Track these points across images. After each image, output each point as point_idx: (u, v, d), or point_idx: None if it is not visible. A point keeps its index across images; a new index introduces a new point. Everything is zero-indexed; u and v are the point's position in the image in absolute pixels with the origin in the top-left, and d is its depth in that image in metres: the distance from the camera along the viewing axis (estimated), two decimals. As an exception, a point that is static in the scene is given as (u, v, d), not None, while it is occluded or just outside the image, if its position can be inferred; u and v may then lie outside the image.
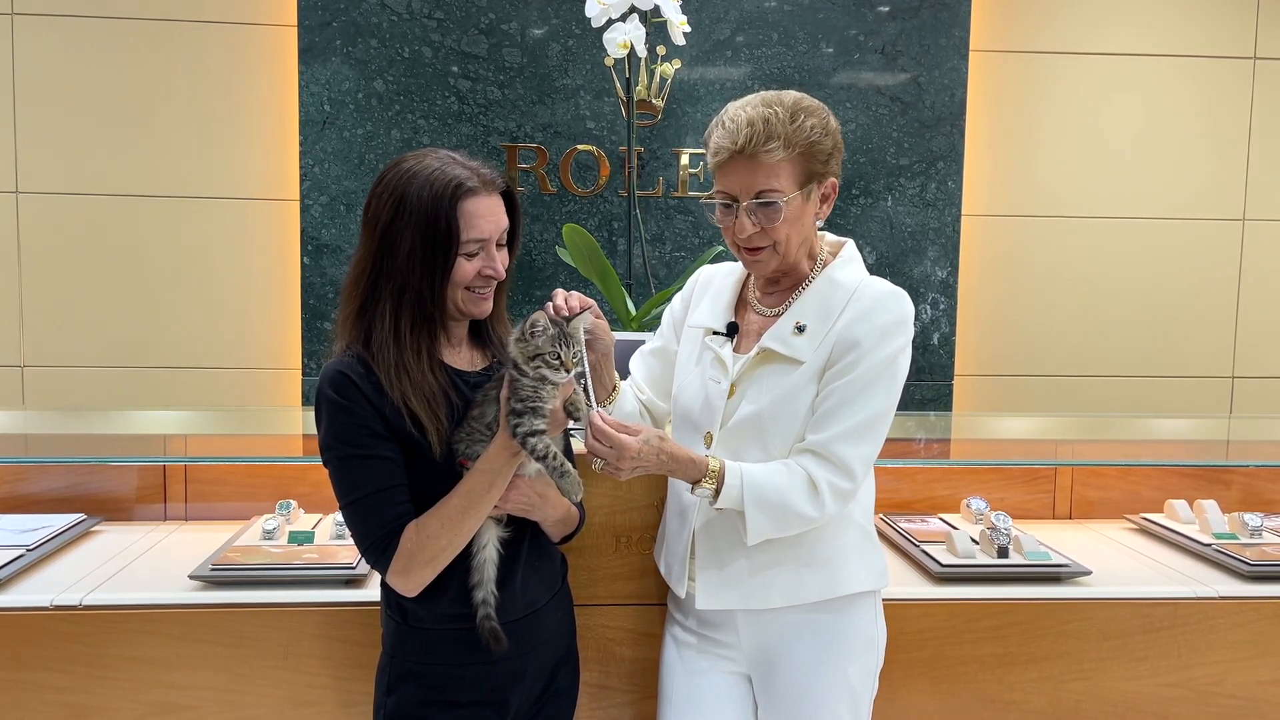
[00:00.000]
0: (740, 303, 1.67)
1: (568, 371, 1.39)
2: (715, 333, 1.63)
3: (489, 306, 1.49)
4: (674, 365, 1.73)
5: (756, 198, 1.49)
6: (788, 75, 3.78)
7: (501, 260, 1.47)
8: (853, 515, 1.58)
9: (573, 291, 1.50)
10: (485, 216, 1.42)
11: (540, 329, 1.40)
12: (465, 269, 1.42)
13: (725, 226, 1.55)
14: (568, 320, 1.43)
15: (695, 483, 1.48)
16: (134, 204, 3.72)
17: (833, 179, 1.56)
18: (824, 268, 1.59)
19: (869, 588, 1.60)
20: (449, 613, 1.44)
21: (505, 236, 1.48)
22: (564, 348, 1.38)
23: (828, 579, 1.56)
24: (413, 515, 1.40)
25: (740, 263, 1.70)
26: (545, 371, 1.38)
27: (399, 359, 1.39)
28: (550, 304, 1.47)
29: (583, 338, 1.45)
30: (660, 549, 1.72)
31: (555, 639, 1.56)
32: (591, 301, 1.50)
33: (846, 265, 1.59)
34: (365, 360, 1.40)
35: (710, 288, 1.71)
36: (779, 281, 1.62)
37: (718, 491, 1.47)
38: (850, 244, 1.64)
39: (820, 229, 1.63)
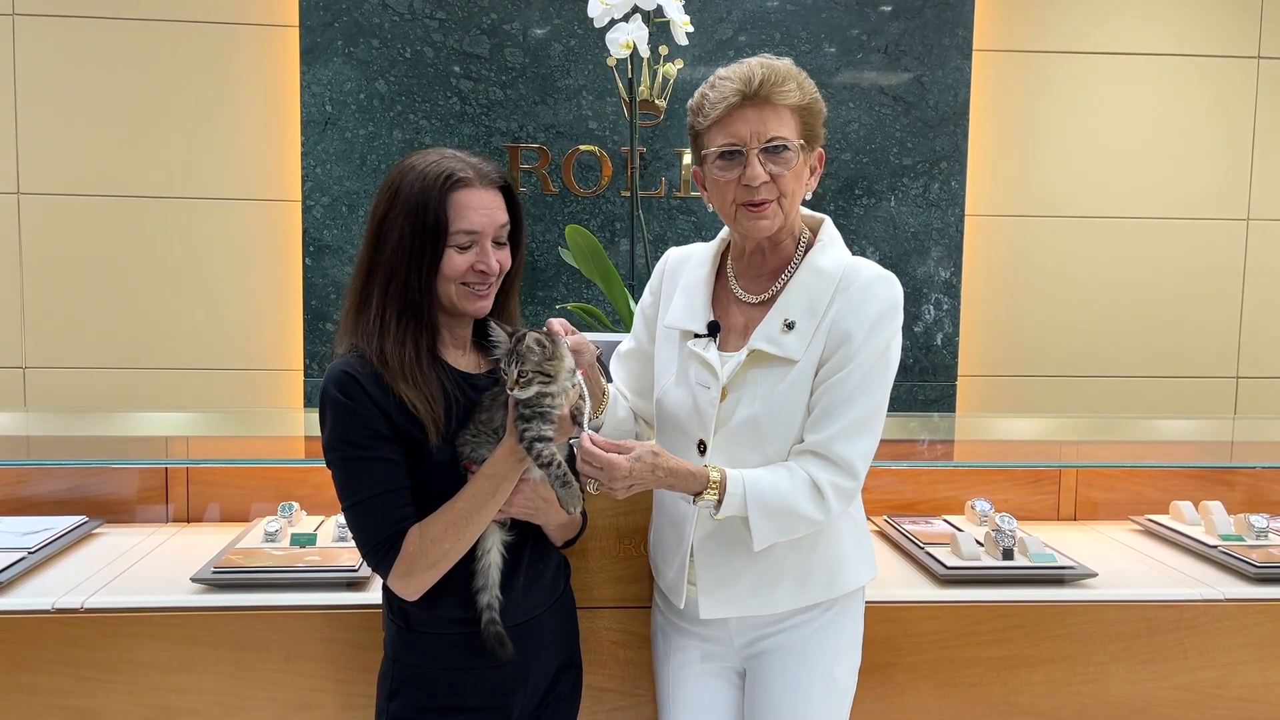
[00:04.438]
0: (718, 295, 1.59)
1: (509, 390, 1.36)
2: (696, 335, 1.55)
3: (486, 305, 1.46)
4: (652, 366, 1.64)
5: (768, 143, 1.45)
6: (790, 75, 3.76)
7: (501, 258, 1.45)
8: (848, 511, 1.55)
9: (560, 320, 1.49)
10: (477, 209, 1.40)
11: (496, 339, 1.39)
12: (456, 262, 1.40)
13: (727, 181, 1.47)
14: (523, 340, 1.38)
15: (697, 495, 1.44)
16: (135, 205, 3.72)
17: (820, 150, 1.53)
18: (807, 250, 1.54)
19: (866, 579, 1.60)
20: (451, 617, 1.43)
21: (505, 234, 1.46)
22: (508, 365, 1.36)
23: (829, 579, 1.55)
24: (416, 518, 1.39)
25: (715, 242, 1.63)
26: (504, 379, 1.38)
27: (387, 349, 1.38)
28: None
29: (566, 353, 1.42)
30: (655, 560, 1.67)
31: (558, 643, 1.55)
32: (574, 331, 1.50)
33: (828, 249, 1.53)
34: (369, 359, 1.40)
35: (680, 279, 1.62)
36: (766, 260, 1.55)
37: (720, 502, 1.44)
38: (828, 221, 1.58)
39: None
